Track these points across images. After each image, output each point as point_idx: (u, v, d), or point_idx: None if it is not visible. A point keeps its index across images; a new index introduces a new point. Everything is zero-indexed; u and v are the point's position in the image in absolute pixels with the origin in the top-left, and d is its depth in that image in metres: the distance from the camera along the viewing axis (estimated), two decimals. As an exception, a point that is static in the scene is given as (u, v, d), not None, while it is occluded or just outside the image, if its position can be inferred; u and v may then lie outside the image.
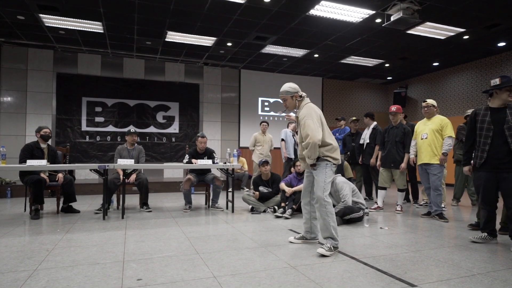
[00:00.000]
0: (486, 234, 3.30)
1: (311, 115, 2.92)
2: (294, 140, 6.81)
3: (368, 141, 5.84)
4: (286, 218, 4.43)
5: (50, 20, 6.61)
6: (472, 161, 3.39)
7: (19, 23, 6.74)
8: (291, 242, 3.22)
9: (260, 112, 10.53)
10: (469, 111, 4.55)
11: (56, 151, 4.91)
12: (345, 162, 5.66)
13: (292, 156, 6.80)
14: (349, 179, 5.19)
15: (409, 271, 2.43)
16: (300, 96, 3.07)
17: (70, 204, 4.82)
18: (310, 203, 3.15)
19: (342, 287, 2.13)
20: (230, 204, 5.09)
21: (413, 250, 2.99)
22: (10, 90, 8.17)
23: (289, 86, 3.09)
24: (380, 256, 2.80)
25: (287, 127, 7.11)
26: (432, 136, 4.45)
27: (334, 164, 2.96)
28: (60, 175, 4.67)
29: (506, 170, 3.07)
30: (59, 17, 6.46)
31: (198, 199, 6.29)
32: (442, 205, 4.64)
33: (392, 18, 5.74)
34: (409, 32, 7.00)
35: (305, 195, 3.18)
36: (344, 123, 7.19)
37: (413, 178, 5.81)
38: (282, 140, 6.96)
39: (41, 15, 6.32)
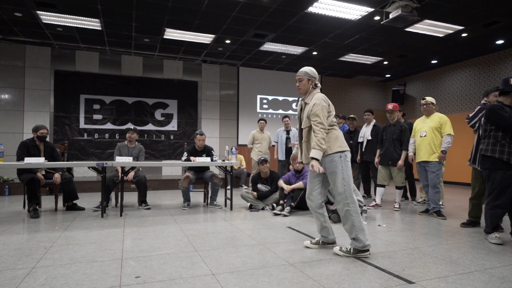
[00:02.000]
0: (497, 233, 3.25)
1: (324, 103, 2.79)
2: (286, 138, 6.85)
3: (370, 138, 5.82)
4: (285, 215, 4.44)
5: (48, 17, 6.57)
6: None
7: (16, 20, 6.70)
8: (307, 247, 2.96)
9: (258, 110, 10.52)
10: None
11: (53, 147, 4.84)
12: None
13: (283, 158, 6.85)
14: None
15: (407, 268, 2.44)
16: (315, 84, 2.91)
17: (74, 202, 4.80)
18: (322, 205, 2.89)
19: (340, 284, 2.13)
20: (228, 201, 5.09)
21: (411, 248, 3.00)
22: (8, 88, 8.13)
23: (309, 68, 2.92)
24: (378, 253, 2.80)
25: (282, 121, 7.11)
26: (431, 134, 4.45)
27: (345, 152, 2.76)
28: (57, 176, 4.55)
29: None
30: (56, 14, 6.43)
31: (197, 196, 6.29)
32: (440, 203, 4.66)
33: (390, 16, 5.74)
34: (407, 29, 6.99)
35: (316, 197, 2.87)
36: (343, 121, 7.20)
37: (410, 176, 5.81)
38: (276, 142, 7.04)
39: (38, 12, 6.29)
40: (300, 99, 3.02)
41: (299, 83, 2.92)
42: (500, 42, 7.78)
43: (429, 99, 4.62)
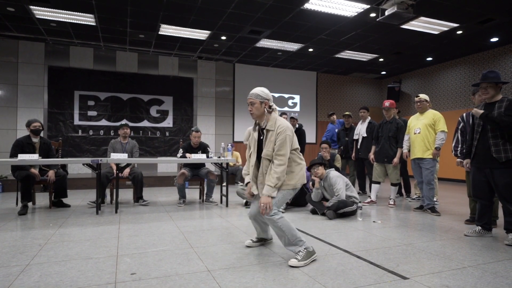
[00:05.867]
0: (480, 228, 3.32)
1: (292, 134, 2.59)
2: None
3: (365, 135, 5.85)
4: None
5: (41, 12, 6.49)
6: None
7: (9, 15, 6.61)
8: (248, 246, 2.89)
9: (254, 107, 10.49)
10: None
11: (49, 144, 4.80)
12: (337, 155, 5.70)
13: None
14: (338, 170, 5.18)
15: (401, 264, 2.46)
16: (270, 107, 2.66)
17: (60, 198, 4.77)
18: (256, 218, 2.82)
19: (336, 280, 2.15)
20: (224, 198, 5.10)
21: (406, 244, 3.03)
22: (1, 84, 8.03)
23: (261, 90, 2.67)
24: (373, 250, 2.82)
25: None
26: (425, 130, 4.48)
27: (297, 188, 2.62)
28: (51, 173, 4.48)
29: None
30: (50, 9, 6.35)
31: (192, 193, 6.28)
32: (434, 199, 4.70)
33: (386, 13, 5.74)
34: (403, 27, 7.00)
35: (255, 211, 2.80)
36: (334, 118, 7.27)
37: (404, 172, 5.85)
38: None
39: (31, 6, 6.21)
40: (256, 122, 2.75)
41: (251, 106, 2.64)
42: (494, 39, 7.83)
43: (423, 96, 4.65)
